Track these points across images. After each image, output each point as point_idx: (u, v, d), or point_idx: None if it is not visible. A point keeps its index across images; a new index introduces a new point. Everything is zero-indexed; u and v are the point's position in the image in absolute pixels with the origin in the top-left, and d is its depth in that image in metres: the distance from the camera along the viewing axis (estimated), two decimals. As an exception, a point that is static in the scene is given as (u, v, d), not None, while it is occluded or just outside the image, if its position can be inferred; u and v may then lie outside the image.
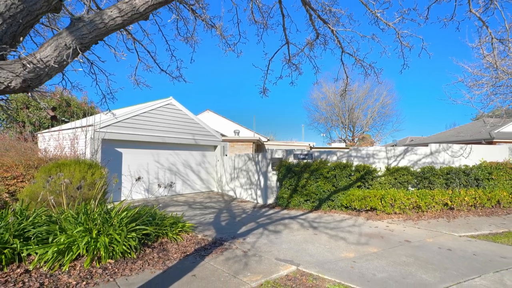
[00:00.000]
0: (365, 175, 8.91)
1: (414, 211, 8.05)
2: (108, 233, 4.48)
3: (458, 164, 9.47)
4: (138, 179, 5.66)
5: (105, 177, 6.03)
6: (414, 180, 8.90)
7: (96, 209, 4.96)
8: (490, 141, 16.77)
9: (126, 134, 10.42)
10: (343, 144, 30.25)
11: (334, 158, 9.81)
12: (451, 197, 8.16)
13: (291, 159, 10.18)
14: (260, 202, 10.69)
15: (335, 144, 28.89)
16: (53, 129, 12.46)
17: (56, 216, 4.82)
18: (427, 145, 9.90)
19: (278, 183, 10.05)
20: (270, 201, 10.33)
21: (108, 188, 6.64)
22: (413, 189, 8.87)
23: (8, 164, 7.66)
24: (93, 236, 4.32)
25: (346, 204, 8.61)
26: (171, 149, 12.28)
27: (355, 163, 9.38)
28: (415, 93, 58.34)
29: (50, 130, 12.40)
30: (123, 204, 5.43)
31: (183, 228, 5.87)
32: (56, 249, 4.04)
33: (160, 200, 10.55)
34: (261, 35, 5.46)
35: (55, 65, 1.73)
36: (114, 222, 4.76)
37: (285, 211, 8.90)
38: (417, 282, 3.94)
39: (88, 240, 4.22)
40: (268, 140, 23.39)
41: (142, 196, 11.06)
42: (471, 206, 8.33)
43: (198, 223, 7.19)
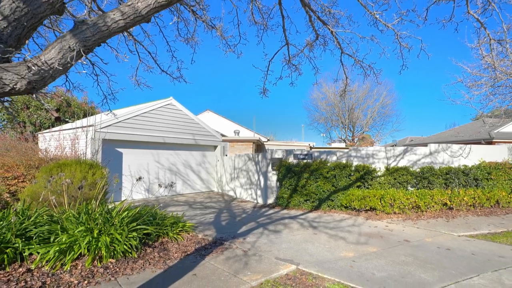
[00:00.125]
0: (364, 175, 8.94)
1: (413, 211, 8.08)
2: (109, 232, 4.52)
3: (458, 164, 9.50)
4: (139, 179, 5.69)
5: (106, 177, 6.06)
6: (413, 180, 8.94)
7: (97, 209, 4.99)
8: (489, 141, 16.79)
9: (127, 134, 10.45)
10: (343, 144, 30.27)
11: (334, 158, 9.84)
12: (450, 197, 8.19)
13: (291, 159, 10.21)
14: (260, 202, 10.73)
15: (335, 144, 28.91)
16: (53, 129, 12.49)
17: (57, 216, 4.85)
18: (426, 145, 9.93)
19: (278, 183, 10.08)
20: (270, 201, 10.36)
21: (109, 188, 6.67)
22: (413, 189, 8.90)
23: (9, 164, 7.69)
24: (95, 235, 4.35)
25: (346, 204, 8.64)
26: (171, 149, 12.31)
27: (354, 163, 9.41)
28: (415, 93, 58.41)
29: (50, 130, 12.43)
30: (124, 204, 5.46)
31: (183, 228, 5.90)
32: (57, 248, 4.07)
33: (161, 200, 10.58)
34: (261, 36, 5.50)
35: (59, 67, 1.77)
36: (115, 222, 4.79)
37: (285, 211, 8.94)
38: (416, 281, 3.97)
39: (89, 239, 4.26)
40: (268, 140, 23.42)
41: (143, 196, 11.10)
42: (470, 206, 8.36)
43: (199, 223, 7.23)
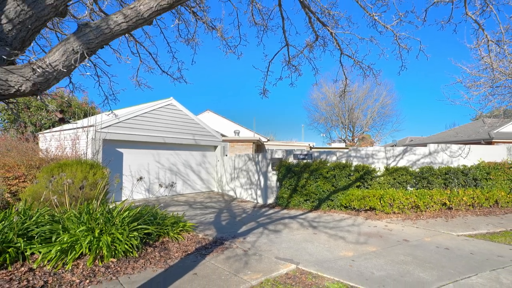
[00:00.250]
0: (364, 175, 8.98)
1: (412, 211, 8.12)
2: (110, 232, 4.55)
3: (457, 164, 9.54)
4: (140, 179, 5.72)
5: (107, 177, 6.09)
6: (412, 180, 8.97)
7: (98, 209, 5.02)
8: (489, 141, 16.83)
9: (127, 135, 10.48)
10: (343, 144, 30.31)
11: (334, 158, 9.88)
12: (449, 197, 8.23)
13: (291, 159, 10.24)
14: (260, 202, 10.76)
15: (335, 144, 28.95)
16: (54, 129, 12.53)
17: (59, 216, 4.88)
18: (426, 145, 9.97)
19: (278, 183, 10.12)
20: (270, 201, 10.40)
21: (110, 188, 6.71)
22: (412, 189, 8.93)
23: (10, 164, 7.72)
24: (96, 235, 4.39)
25: (346, 204, 8.68)
26: (171, 149, 12.34)
27: (354, 163, 9.45)
28: (415, 93, 58.41)
29: (51, 130, 12.46)
30: (125, 204, 5.50)
31: (184, 228, 5.94)
32: (59, 248, 4.11)
33: (161, 200, 10.61)
34: (261, 37, 5.53)
35: (63, 69, 1.80)
36: (116, 222, 4.83)
37: (285, 211, 8.97)
38: (414, 280, 4.01)
39: (90, 239, 4.29)
40: (268, 140, 23.45)
41: (143, 196, 11.13)
42: (469, 205, 8.39)
43: (199, 222, 7.26)
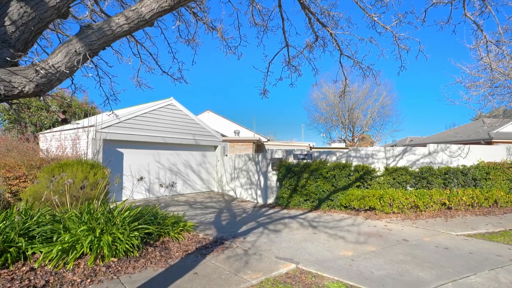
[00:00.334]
0: (364, 175, 9.00)
1: (412, 211, 8.14)
2: (111, 232, 4.57)
3: (456, 164, 9.56)
4: (140, 179, 5.74)
5: (107, 177, 6.11)
6: (412, 180, 8.99)
7: (99, 209, 5.04)
8: (489, 141, 16.86)
9: (128, 135, 10.50)
10: (343, 144, 30.34)
11: (334, 158, 9.90)
12: (449, 196, 8.25)
13: (291, 159, 10.27)
14: (260, 202, 10.78)
15: (335, 144, 28.97)
16: (54, 129, 12.55)
17: (60, 216, 4.90)
18: (425, 145, 9.99)
19: (278, 183, 10.14)
20: (270, 201, 10.42)
21: (110, 188, 6.73)
22: (412, 189, 8.96)
23: (10, 165, 7.75)
24: (97, 235, 4.41)
25: (345, 204, 8.70)
26: (171, 149, 12.36)
27: (354, 163, 9.47)
28: (415, 93, 58.46)
29: (51, 130, 12.48)
30: (125, 203, 5.52)
31: (184, 227, 5.96)
32: (60, 247, 4.13)
33: (161, 200, 10.63)
34: (261, 38, 5.56)
35: (66, 70, 1.82)
36: (117, 222, 4.85)
37: (285, 211, 8.99)
38: (414, 279, 4.03)
39: (91, 239, 4.31)
40: (268, 140, 23.48)
41: (143, 196, 11.15)
42: (468, 205, 8.42)
43: (199, 222, 7.28)
